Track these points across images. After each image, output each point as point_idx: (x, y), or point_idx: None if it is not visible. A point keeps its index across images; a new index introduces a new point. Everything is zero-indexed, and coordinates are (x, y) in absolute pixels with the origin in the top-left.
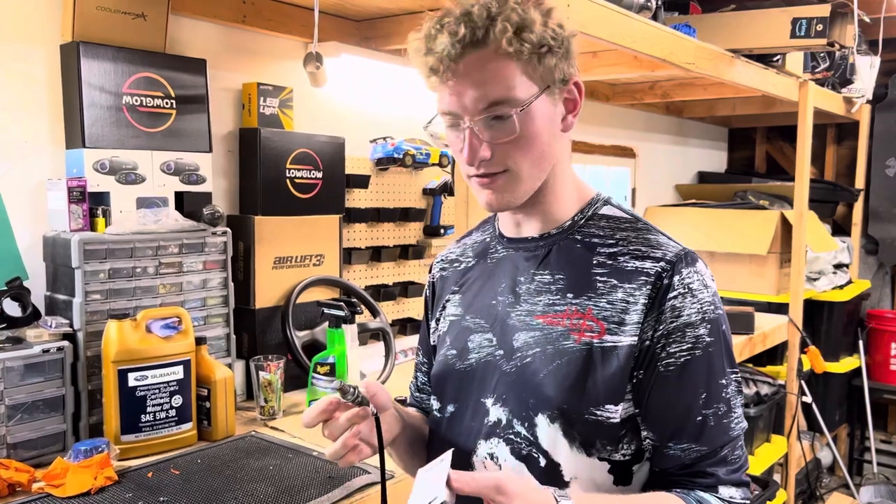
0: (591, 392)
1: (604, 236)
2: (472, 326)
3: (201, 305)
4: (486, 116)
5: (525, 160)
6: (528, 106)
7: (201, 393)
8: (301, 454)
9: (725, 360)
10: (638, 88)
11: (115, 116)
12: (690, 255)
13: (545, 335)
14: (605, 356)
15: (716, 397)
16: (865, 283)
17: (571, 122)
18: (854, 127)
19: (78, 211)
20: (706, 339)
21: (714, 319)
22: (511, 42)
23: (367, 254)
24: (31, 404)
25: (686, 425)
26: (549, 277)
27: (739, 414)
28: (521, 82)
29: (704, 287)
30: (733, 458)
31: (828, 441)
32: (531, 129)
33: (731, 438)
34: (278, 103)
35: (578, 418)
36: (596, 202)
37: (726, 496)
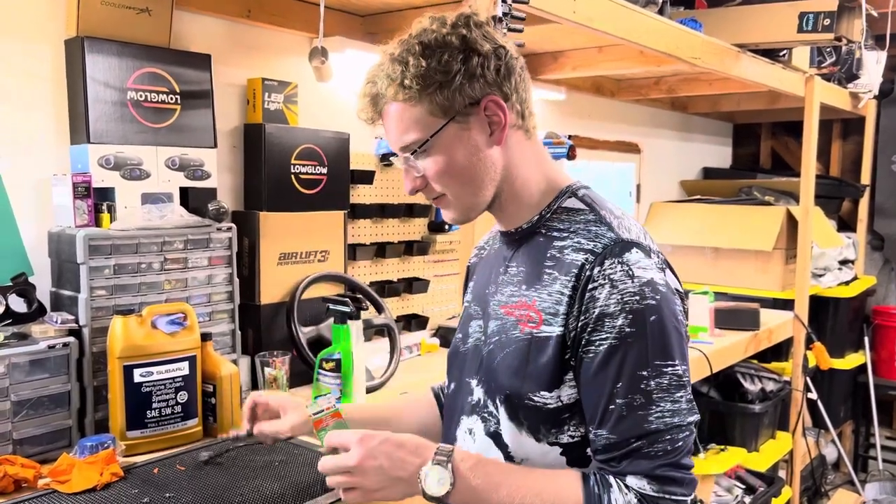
0: (528, 379)
1: (562, 229)
2: (473, 313)
3: (206, 301)
4: (406, 156)
5: (453, 185)
6: (430, 143)
7: (207, 389)
8: (307, 450)
9: (652, 352)
10: (643, 84)
11: (119, 112)
12: (623, 245)
13: (503, 325)
14: (539, 346)
15: (632, 388)
16: (871, 279)
17: (499, 136)
18: (859, 122)
19: (83, 206)
20: (626, 330)
21: (638, 311)
22: (396, 93)
23: (371, 250)
24: (37, 400)
25: (598, 412)
26: (515, 269)
27: (669, 409)
28: (418, 123)
29: (629, 277)
30: (652, 451)
31: (833, 438)
32: (445, 160)
33: (646, 431)
34: (283, 99)
35: (520, 403)
36: (563, 195)
37: (634, 485)
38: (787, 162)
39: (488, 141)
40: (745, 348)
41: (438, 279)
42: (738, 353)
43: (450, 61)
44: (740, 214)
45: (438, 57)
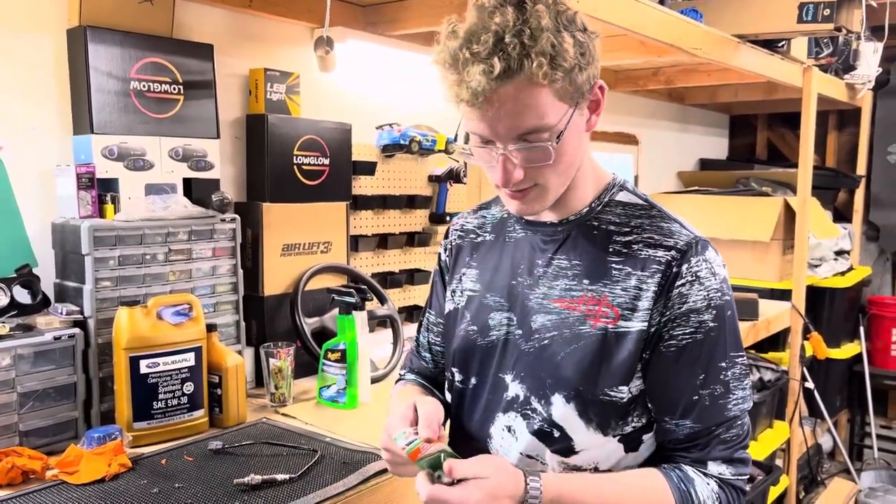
0: (604, 374)
1: (619, 224)
2: (493, 304)
3: (211, 293)
4: (520, 144)
5: (554, 176)
6: (564, 131)
7: (213, 380)
8: (314, 440)
9: (729, 344)
10: (641, 75)
11: (122, 102)
12: (701, 243)
13: (562, 319)
14: (618, 341)
15: (713, 379)
16: (866, 269)
17: (595, 121)
18: (855, 114)
19: (87, 197)
20: (709, 325)
21: (719, 306)
22: (546, 75)
23: (373, 241)
24: (43, 392)
25: (681, 402)
26: (566, 262)
27: (741, 396)
28: (553, 108)
29: (712, 275)
30: (728, 436)
31: (829, 427)
32: (563, 150)
33: (726, 419)
34: (285, 89)
35: (593, 399)
36: (612, 188)
37: (715, 472)
38: (784, 153)
39: (585, 126)
40: (743, 338)
41: None
42: None
43: (583, 41)
44: (738, 205)
45: (573, 35)
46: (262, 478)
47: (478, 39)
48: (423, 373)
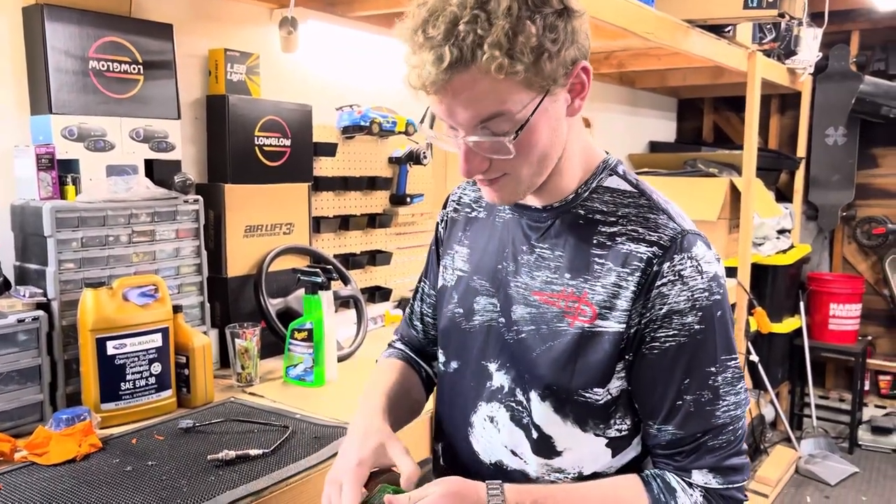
0: (579, 375)
1: (606, 212)
2: (479, 288)
3: (175, 274)
4: (480, 134)
5: (524, 166)
6: (526, 123)
7: (180, 360)
8: (284, 417)
9: (720, 347)
10: (594, 59)
11: (81, 82)
12: (689, 238)
13: (541, 314)
14: (594, 341)
15: (700, 385)
16: (806, 247)
17: (579, 105)
18: (796, 98)
19: (47, 179)
20: (694, 327)
21: (706, 307)
22: (501, 67)
23: (335, 222)
24: (7, 375)
25: (663, 408)
26: (549, 253)
27: (732, 402)
28: (516, 96)
29: (698, 273)
30: (716, 443)
31: (771, 398)
32: (529, 141)
33: (713, 426)
34: (245, 70)
35: (568, 398)
36: (601, 171)
37: (700, 482)
38: (729, 135)
39: (564, 112)
40: None
41: (401, 251)
42: None
43: (556, 23)
44: (686, 186)
45: (544, 17)
46: (236, 453)
47: (434, 22)
48: (412, 343)
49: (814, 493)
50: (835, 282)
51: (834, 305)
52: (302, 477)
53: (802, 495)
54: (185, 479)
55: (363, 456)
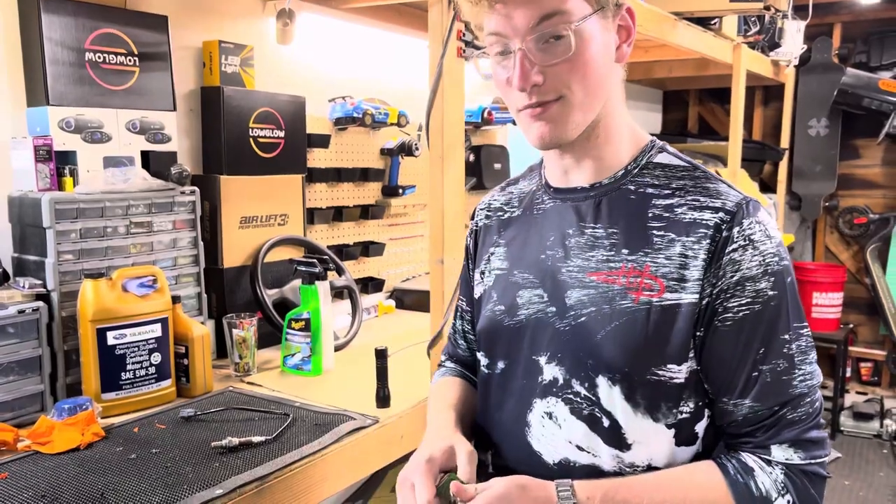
0: (652, 353)
1: (659, 186)
2: (521, 282)
3: (172, 265)
4: (538, 35)
5: (579, 86)
6: (582, 23)
7: (179, 350)
8: (284, 405)
9: (792, 314)
10: None
11: (78, 73)
12: (752, 203)
13: (601, 293)
14: (665, 315)
15: (776, 353)
16: (790, 237)
17: (626, 51)
18: (779, 89)
19: (45, 170)
20: (768, 293)
21: (778, 272)
22: None
23: (328, 214)
24: (7, 366)
25: (739, 380)
26: (602, 231)
27: (808, 371)
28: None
29: (767, 238)
30: (795, 416)
31: None
32: (585, 52)
33: (791, 397)
34: (239, 62)
35: (640, 380)
36: (650, 149)
37: (781, 458)
38: (713, 127)
39: (616, 54)
40: None
41: (393, 242)
42: None
43: None
44: None
45: None
46: (239, 440)
47: None
48: (462, 361)
49: None
50: (817, 271)
51: (816, 294)
52: (305, 462)
53: None
54: (189, 465)
55: (433, 454)
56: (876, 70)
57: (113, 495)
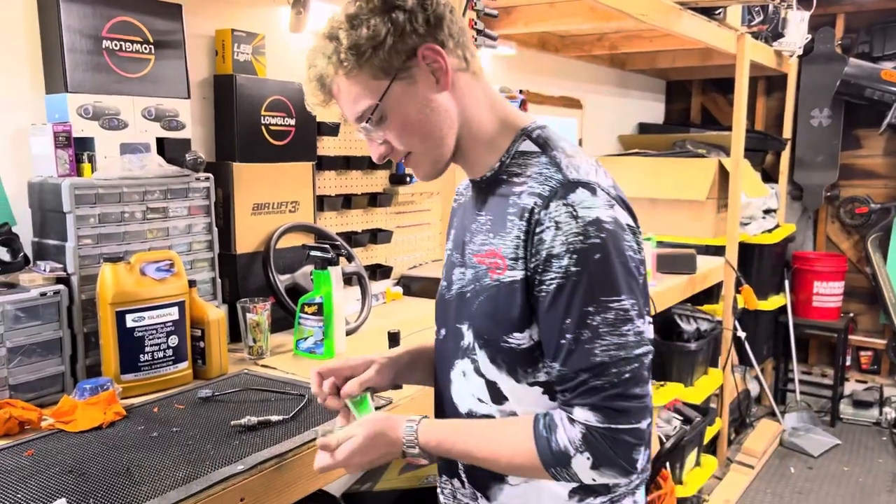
0: (501, 323)
1: (519, 174)
2: (455, 261)
3: (187, 250)
4: (363, 125)
5: (414, 141)
6: (381, 106)
7: (195, 333)
8: (299, 386)
9: (597, 288)
10: (587, 40)
11: (95, 61)
12: (568, 186)
13: (476, 273)
14: (507, 290)
15: (579, 324)
16: (791, 226)
17: (445, 81)
18: (782, 80)
19: (64, 156)
20: (571, 270)
21: (581, 250)
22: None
23: (338, 201)
24: (29, 347)
25: (551, 346)
26: (484, 218)
27: (615, 342)
28: (365, 91)
29: (573, 219)
30: (598, 383)
31: (757, 373)
32: (399, 120)
33: (593, 364)
34: (251, 50)
35: (497, 347)
36: (518, 138)
37: (581, 419)
38: (716, 117)
39: (436, 88)
40: (683, 290)
41: (401, 230)
42: (678, 294)
43: (377, 25)
44: (675, 166)
45: (366, 24)
46: (258, 419)
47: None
48: None
49: (797, 464)
50: (819, 260)
51: (818, 283)
52: None
53: (786, 466)
54: (210, 443)
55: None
56: (878, 60)
57: (138, 470)
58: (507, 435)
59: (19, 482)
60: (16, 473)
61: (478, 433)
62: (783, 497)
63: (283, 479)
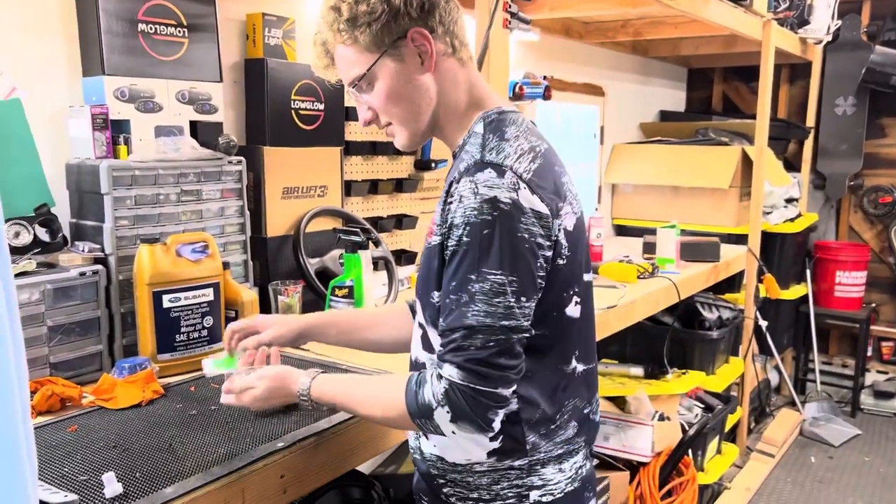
0: (428, 282)
1: (469, 151)
2: None
3: (220, 233)
4: (354, 87)
5: (394, 112)
6: (368, 75)
7: (229, 314)
8: (331, 367)
9: (482, 260)
10: (610, 27)
11: (131, 44)
12: (479, 165)
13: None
14: (431, 253)
15: (462, 288)
16: (813, 216)
17: (430, 64)
18: (805, 67)
19: (101, 138)
20: (464, 240)
21: (474, 223)
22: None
23: (364, 186)
24: (68, 326)
25: (443, 305)
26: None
27: (486, 310)
28: (359, 60)
29: (473, 195)
30: (465, 344)
31: (777, 363)
32: (384, 90)
33: (464, 325)
34: (282, 34)
35: (425, 301)
36: (478, 120)
37: (446, 374)
38: (737, 105)
39: (420, 69)
40: (706, 278)
41: (425, 216)
42: (701, 282)
43: (375, 4)
44: (698, 154)
45: (366, 1)
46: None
47: None
48: None
49: (818, 453)
50: (841, 250)
51: (840, 273)
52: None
53: (807, 455)
54: (248, 421)
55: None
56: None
57: (180, 447)
58: (384, 390)
59: (65, 456)
60: (61, 448)
61: (361, 389)
62: (804, 486)
63: (320, 457)
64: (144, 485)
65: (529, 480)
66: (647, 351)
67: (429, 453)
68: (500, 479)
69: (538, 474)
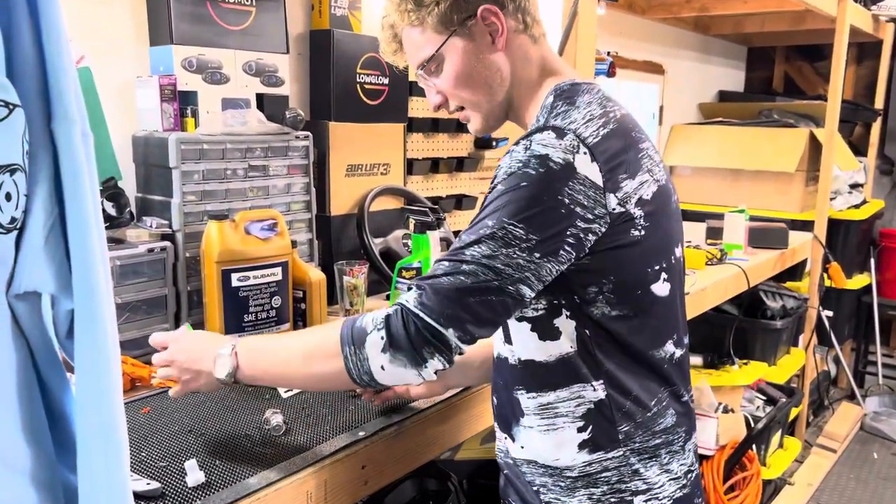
0: None
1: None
2: None
3: (286, 210)
4: (421, 74)
5: (465, 94)
6: (437, 56)
7: (297, 295)
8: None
9: (505, 209)
10: (675, 2)
11: (199, 12)
12: (540, 128)
13: None
14: None
15: (476, 226)
16: (879, 202)
17: (501, 42)
18: (873, 47)
19: (169, 110)
20: (498, 187)
21: (513, 174)
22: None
23: (426, 165)
24: (135, 304)
25: None
26: None
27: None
28: (427, 42)
29: (525, 149)
30: (440, 269)
31: (837, 354)
32: (453, 71)
33: (456, 258)
34: (348, 4)
35: None
36: (549, 94)
37: (403, 298)
38: (800, 86)
39: (491, 48)
40: (773, 266)
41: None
42: (768, 269)
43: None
44: (761, 136)
45: None
46: None
47: None
48: None
49: (880, 449)
50: None
51: None
52: (439, 408)
53: (869, 451)
54: (325, 408)
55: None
56: None
57: (257, 432)
58: (313, 335)
59: (141, 440)
60: (136, 432)
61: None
62: (867, 483)
63: (400, 448)
64: (226, 474)
65: (633, 485)
66: (707, 340)
67: (519, 458)
68: (598, 481)
69: (641, 477)
